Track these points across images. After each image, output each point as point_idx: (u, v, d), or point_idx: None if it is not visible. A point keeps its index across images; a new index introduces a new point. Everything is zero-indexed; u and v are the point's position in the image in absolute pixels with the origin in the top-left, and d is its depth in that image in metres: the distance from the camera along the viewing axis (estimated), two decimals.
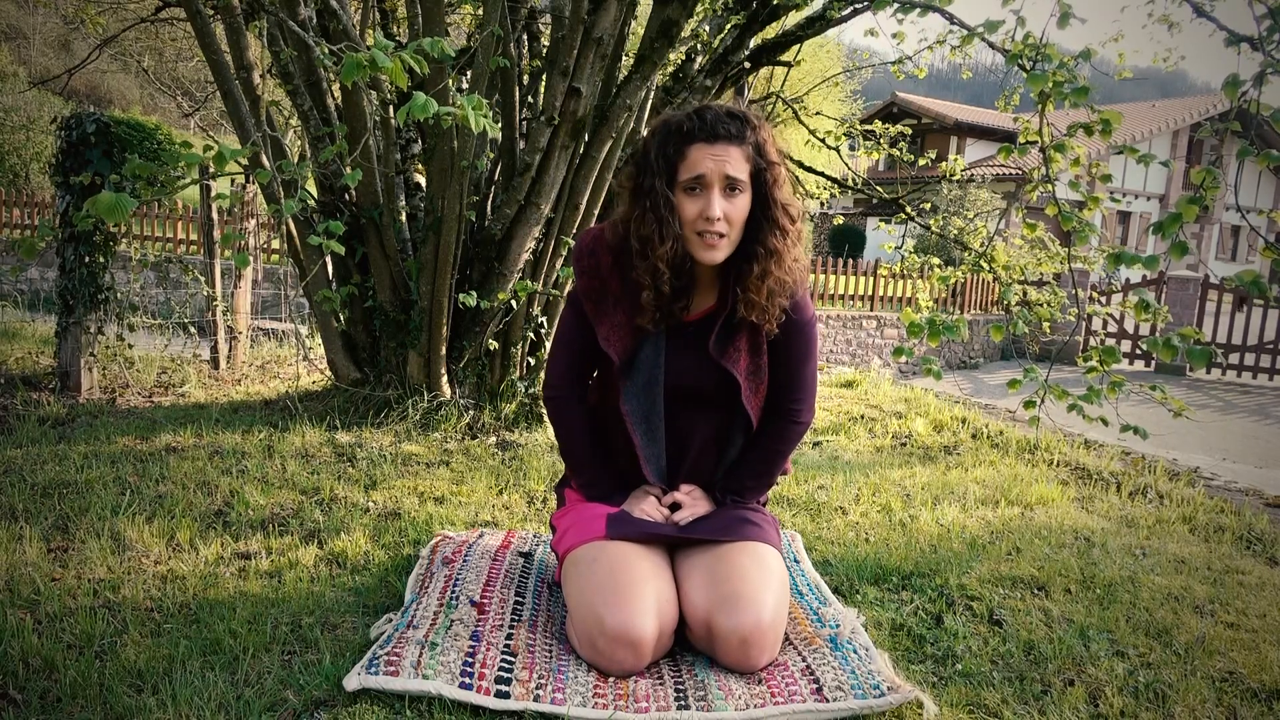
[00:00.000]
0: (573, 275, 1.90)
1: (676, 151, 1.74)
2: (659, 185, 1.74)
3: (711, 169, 1.72)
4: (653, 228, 1.74)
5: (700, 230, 1.74)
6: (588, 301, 1.86)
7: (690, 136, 1.74)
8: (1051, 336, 11.57)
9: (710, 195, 1.73)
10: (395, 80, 1.83)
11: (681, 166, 1.74)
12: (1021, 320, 4.19)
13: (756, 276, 1.78)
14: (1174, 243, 2.12)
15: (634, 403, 1.86)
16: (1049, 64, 2.70)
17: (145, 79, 17.64)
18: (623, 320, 1.84)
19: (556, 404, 1.96)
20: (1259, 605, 2.27)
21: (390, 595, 2.06)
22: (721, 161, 1.72)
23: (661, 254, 1.73)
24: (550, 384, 1.96)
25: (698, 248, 1.76)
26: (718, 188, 1.73)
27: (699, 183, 1.73)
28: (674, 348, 1.87)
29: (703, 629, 1.72)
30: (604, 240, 1.87)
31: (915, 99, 24.75)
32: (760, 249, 1.78)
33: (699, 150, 1.73)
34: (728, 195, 1.74)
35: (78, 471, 2.80)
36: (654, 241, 1.74)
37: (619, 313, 1.84)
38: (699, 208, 1.74)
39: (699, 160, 1.73)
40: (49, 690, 1.56)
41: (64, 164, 3.88)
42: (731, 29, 4.36)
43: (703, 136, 1.73)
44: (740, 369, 1.87)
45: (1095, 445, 4.43)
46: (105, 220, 1.90)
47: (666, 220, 1.73)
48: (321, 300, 3.44)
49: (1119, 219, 25.19)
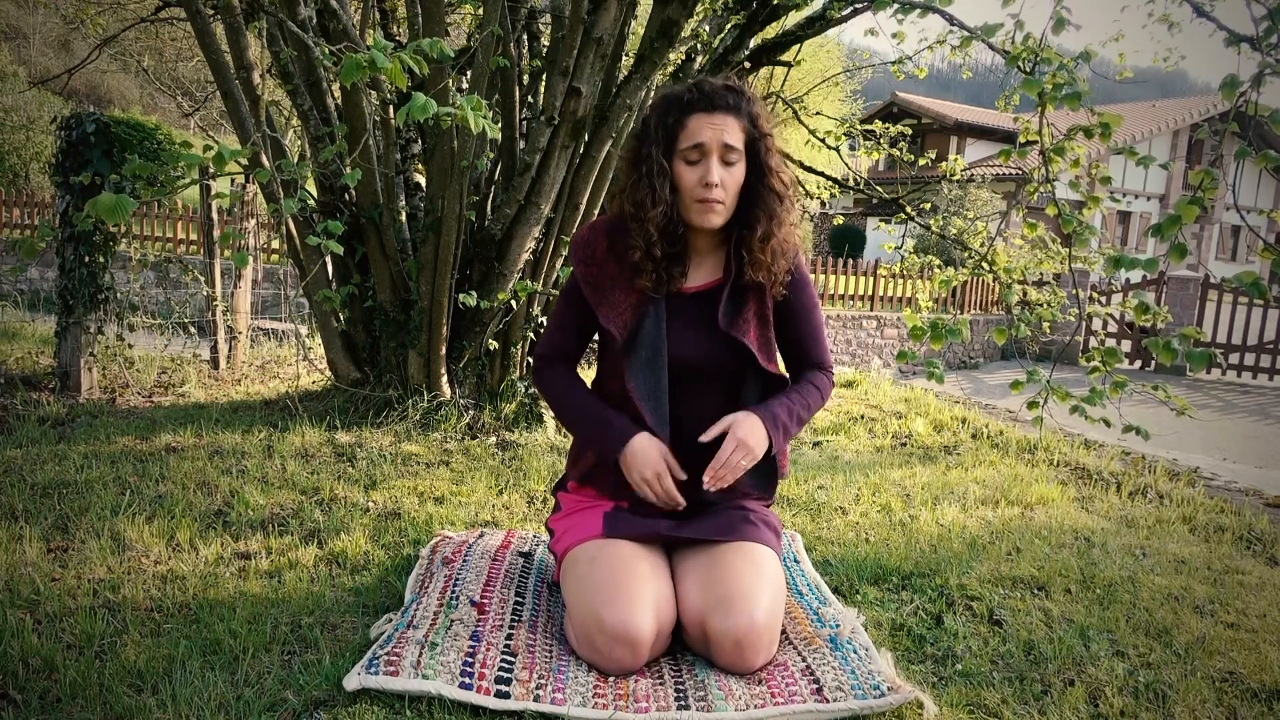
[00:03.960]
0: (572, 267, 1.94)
1: (676, 121, 1.81)
2: (655, 153, 1.81)
3: (711, 137, 1.78)
4: (646, 193, 1.81)
5: (700, 197, 1.80)
6: (587, 288, 1.89)
7: (690, 106, 1.80)
8: (1052, 337, 11.57)
9: (709, 162, 1.79)
10: (394, 81, 1.83)
11: (681, 135, 1.80)
12: (1023, 322, 4.19)
13: (760, 238, 1.85)
14: (1173, 245, 2.12)
15: (639, 379, 1.86)
16: (1048, 66, 2.70)
17: (145, 79, 17.64)
18: (621, 299, 1.88)
19: (549, 364, 1.99)
20: (1259, 605, 2.27)
21: (390, 595, 2.06)
22: (720, 130, 1.79)
23: (653, 217, 1.80)
24: (540, 355, 2.01)
25: (697, 213, 1.82)
26: (716, 155, 1.79)
27: (699, 151, 1.79)
28: (677, 322, 1.89)
29: (698, 630, 1.72)
30: (599, 227, 1.93)
31: (915, 99, 24.75)
32: (760, 213, 1.85)
33: (698, 120, 1.79)
34: (725, 164, 1.81)
35: (78, 471, 2.80)
36: (646, 205, 1.80)
37: (617, 292, 1.88)
38: (698, 175, 1.80)
39: (699, 129, 1.79)
40: (49, 690, 1.56)
41: (64, 164, 3.88)
42: (731, 29, 4.36)
43: (702, 106, 1.80)
44: (751, 339, 1.89)
45: (1095, 445, 4.43)
46: (106, 221, 1.90)
47: (659, 187, 1.80)
48: (321, 300, 3.44)
49: (1119, 219, 25.19)
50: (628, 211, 1.85)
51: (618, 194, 1.90)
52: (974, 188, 18.41)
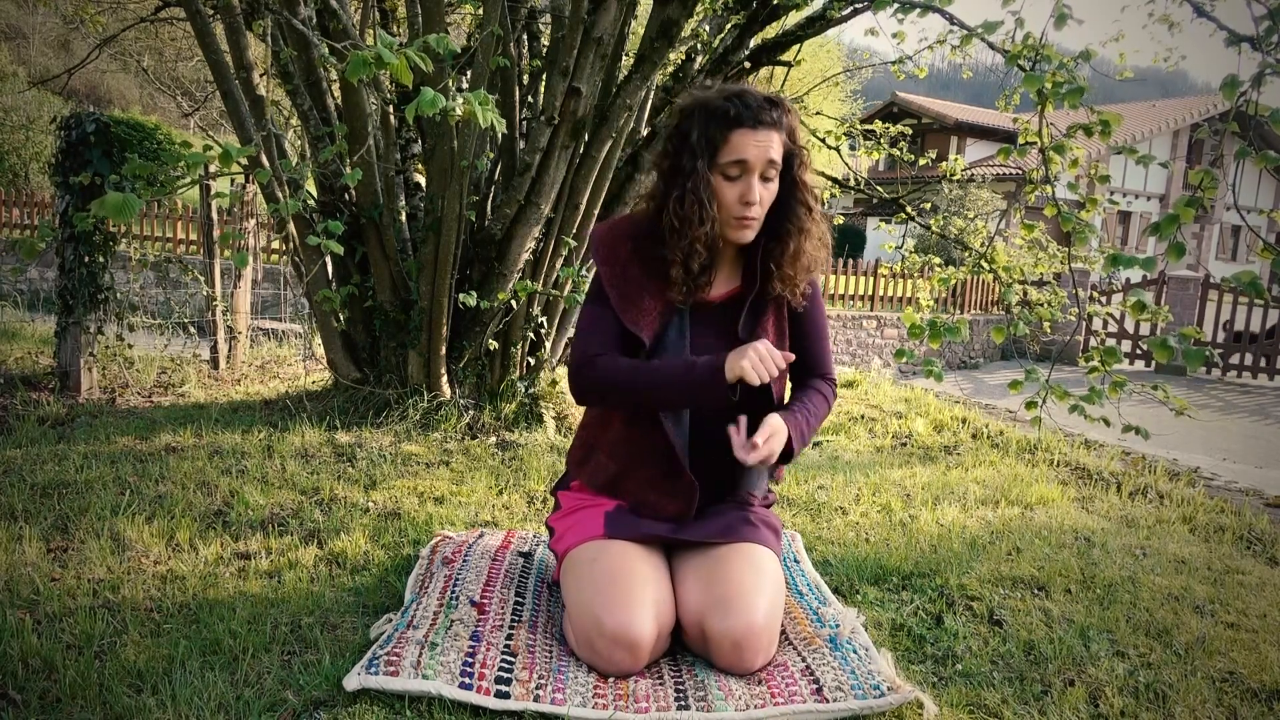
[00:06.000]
0: (593, 264, 1.91)
1: (720, 135, 1.76)
2: (700, 167, 1.76)
3: (755, 155, 1.76)
4: (694, 209, 1.76)
5: (739, 215, 1.78)
6: (612, 289, 1.85)
7: (736, 121, 1.75)
8: (1052, 336, 11.57)
9: (751, 180, 1.77)
10: (401, 78, 1.83)
11: (723, 150, 1.76)
12: (1022, 321, 4.19)
13: (792, 254, 1.84)
14: (1171, 244, 2.12)
15: None
16: (1048, 65, 2.70)
17: (145, 79, 17.63)
18: (649, 305, 1.85)
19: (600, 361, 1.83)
20: (1259, 605, 2.27)
21: (390, 595, 2.06)
22: (765, 148, 1.76)
23: (699, 235, 1.77)
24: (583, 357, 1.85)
25: (732, 229, 1.80)
26: (758, 173, 1.77)
27: (740, 167, 1.76)
28: (698, 331, 1.88)
29: (696, 632, 1.72)
30: (621, 228, 1.90)
31: (915, 99, 24.74)
32: (790, 227, 1.84)
33: (743, 135, 1.75)
34: (763, 179, 1.78)
35: (77, 471, 2.80)
36: (693, 222, 1.76)
37: (646, 298, 1.85)
38: (738, 192, 1.77)
39: (743, 145, 1.75)
40: (49, 690, 1.56)
41: (64, 164, 3.88)
42: (731, 29, 4.35)
43: (748, 122, 1.75)
44: None
45: (1095, 445, 4.43)
46: (113, 220, 1.91)
47: (706, 203, 1.76)
48: (321, 300, 3.44)
49: (1119, 219, 25.18)
50: (669, 224, 1.80)
51: (647, 199, 1.87)
52: (974, 188, 18.41)
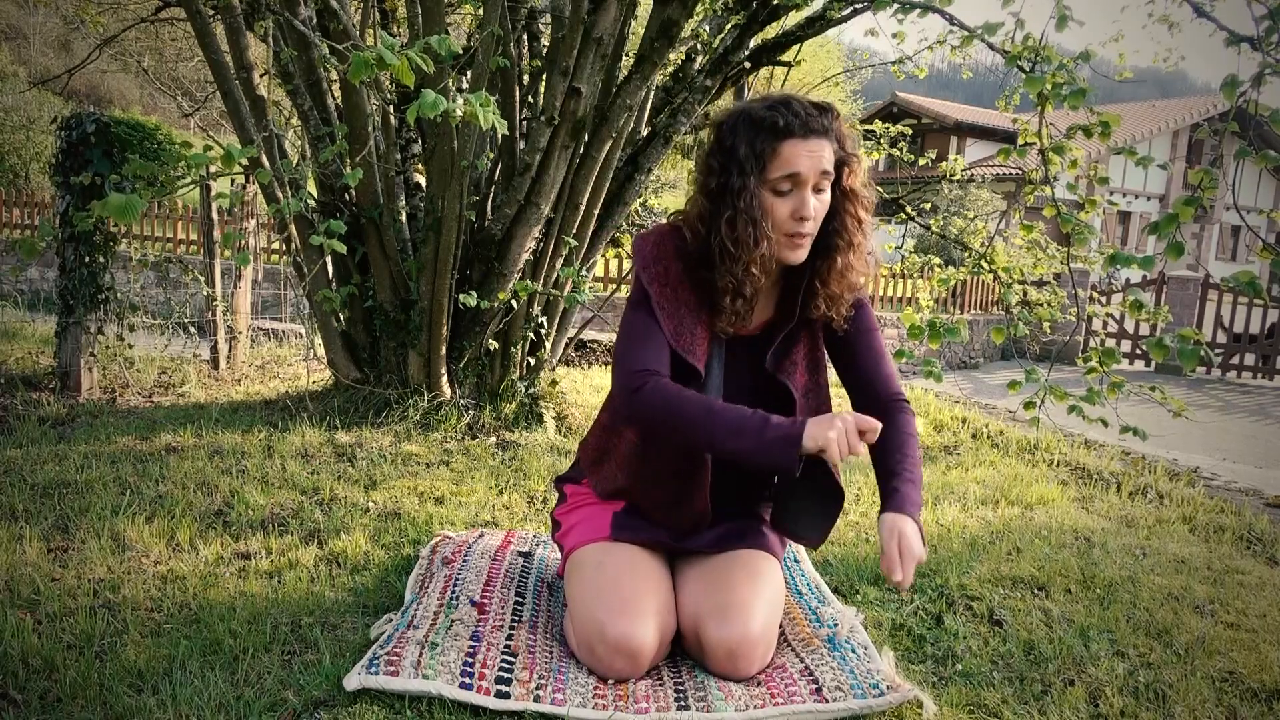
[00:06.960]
0: (636, 279, 1.74)
1: (769, 148, 1.61)
2: (751, 184, 1.62)
3: (808, 167, 1.61)
4: (748, 230, 1.62)
5: (792, 231, 1.64)
6: (661, 311, 1.70)
7: (785, 132, 1.60)
8: (1051, 337, 11.57)
9: (804, 194, 1.63)
10: (403, 79, 1.83)
11: (773, 164, 1.61)
12: (1022, 321, 4.19)
13: (839, 270, 1.70)
14: (1170, 243, 2.12)
15: None
16: (1048, 65, 2.71)
17: (145, 79, 17.62)
18: (700, 333, 1.72)
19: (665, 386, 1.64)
20: (1259, 605, 2.27)
21: (390, 595, 2.06)
22: (817, 158, 1.62)
23: (755, 258, 1.63)
24: (633, 374, 1.66)
25: (785, 249, 1.66)
26: (811, 185, 1.63)
27: (792, 181, 1.62)
28: (730, 364, 1.78)
29: (693, 638, 1.72)
30: (669, 245, 1.73)
31: (915, 99, 24.73)
32: (840, 241, 1.70)
33: (794, 146, 1.61)
34: (815, 191, 1.64)
35: (78, 471, 2.80)
36: (749, 244, 1.62)
37: (699, 327, 1.72)
38: (791, 207, 1.63)
39: (794, 157, 1.61)
40: (49, 690, 1.56)
41: (64, 164, 3.89)
42: (731, 29, 4.35)
43: (798, 132, 1.61)
44: (796, 384, 1.77)
45: (1095, 445, 4.43)
46: (116, 220, 1.91)
47: (760, 222, 1.62)
48: (322, 300, 3.44)
49: (1119, 219, 25.19)
50: (721, 248, 1.65)
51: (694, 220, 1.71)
52: (974, 188, 18.39)
